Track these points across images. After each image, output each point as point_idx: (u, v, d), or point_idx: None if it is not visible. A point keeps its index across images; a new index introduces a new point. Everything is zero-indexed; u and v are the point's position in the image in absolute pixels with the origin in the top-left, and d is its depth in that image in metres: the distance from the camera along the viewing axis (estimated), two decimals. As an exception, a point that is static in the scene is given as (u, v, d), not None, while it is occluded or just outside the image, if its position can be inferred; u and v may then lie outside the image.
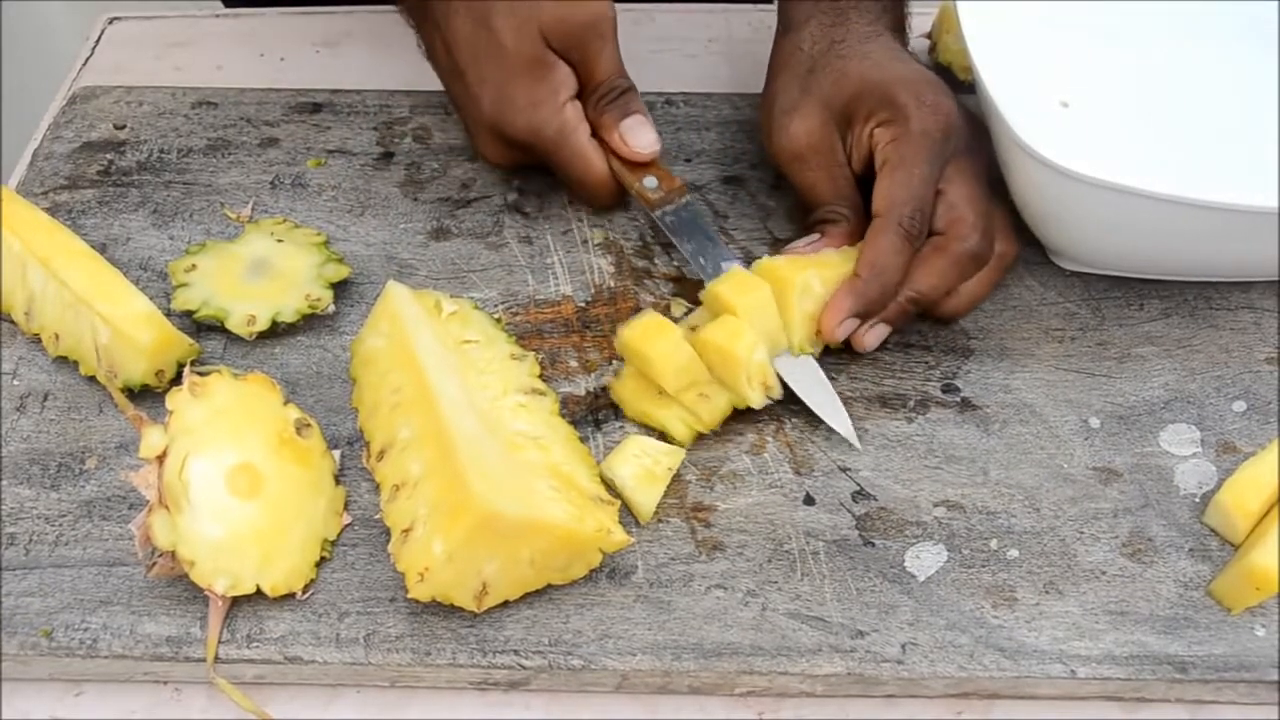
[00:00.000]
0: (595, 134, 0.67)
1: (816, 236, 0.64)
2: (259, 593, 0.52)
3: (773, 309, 0.60)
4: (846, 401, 0.61)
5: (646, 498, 0.56)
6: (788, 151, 0.65)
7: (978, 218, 0.62)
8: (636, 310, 0.65)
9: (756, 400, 0.59)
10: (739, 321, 0.58)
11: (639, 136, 0.66)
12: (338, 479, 0.57)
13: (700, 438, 0.59)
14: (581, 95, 0.66)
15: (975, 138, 0.64)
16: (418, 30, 0.70)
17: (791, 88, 0.65)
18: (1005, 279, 0.66)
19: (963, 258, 0.62)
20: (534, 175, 0.72)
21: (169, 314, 0.62)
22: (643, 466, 0.57)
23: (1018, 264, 0.67)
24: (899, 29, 0.69)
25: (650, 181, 0.66)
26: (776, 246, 0.66)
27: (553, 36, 0.64)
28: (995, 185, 0.64)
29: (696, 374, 0.59)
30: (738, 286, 0.60)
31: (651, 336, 0.58)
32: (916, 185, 0.60)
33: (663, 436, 0.59)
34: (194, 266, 0.64)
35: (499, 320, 0.61)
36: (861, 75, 0.63)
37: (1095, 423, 0.60)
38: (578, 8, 0.64)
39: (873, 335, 0.61)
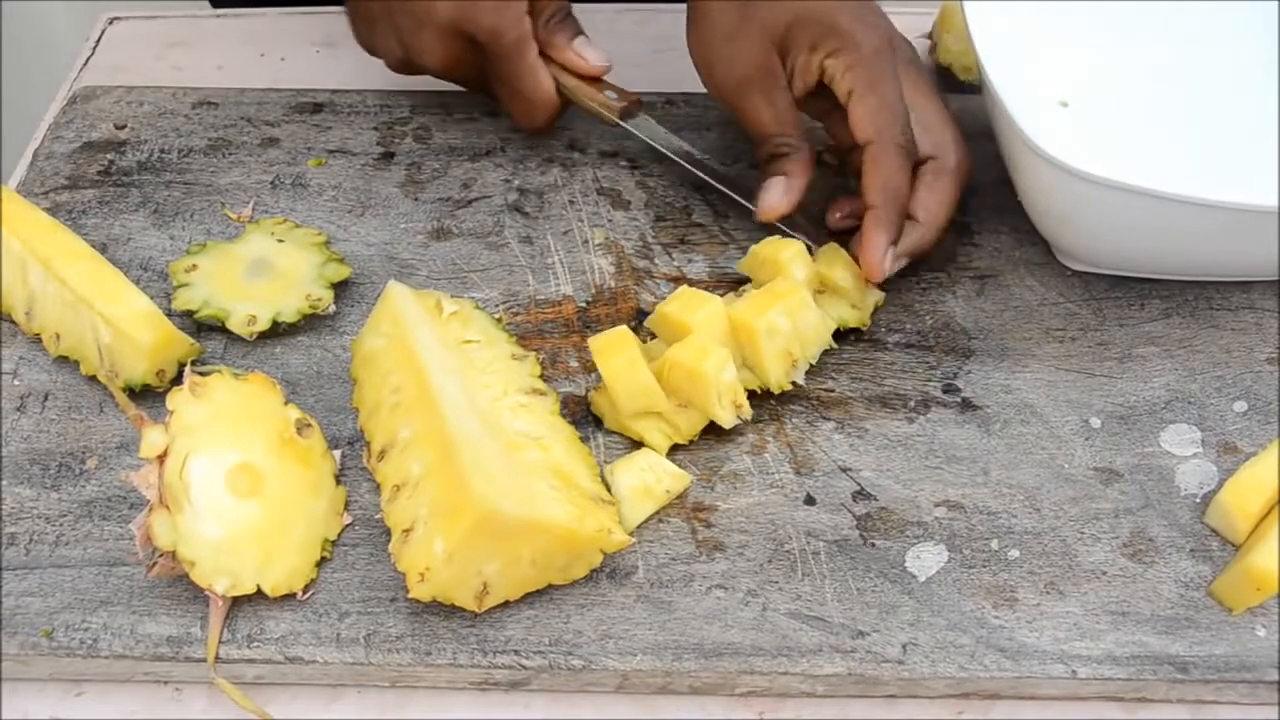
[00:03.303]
0: (542, 53, 0.69)
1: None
2: (259, 593, 0.52)
3: (724, 321, 0.59)
4: (847, 401, 0.61)
5: (634, 511, 0.56)
6: (732, 80, 0.65)
7: (954, 130, 0.65)
8: (637, 310, 0.65)
9: (727, 420, 0.58)
10: (706, 340, 0.57)
11: (593, 52, 0.70)
12: (338, 479, 0.57)
13: (700, 437, 0.59)
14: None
15: (908, 46, 0.67)
16: None
17: (728, 12, 0.65)
18: (1006, 279, 0.67)
19: (958, 174, 0.65)
20: (534, 175, 0.72)
21: (169, 314, 0.62)
22: (644, 481, 0.56)
23: (1018, 264, 0.67)
24: None
25: (611, 95, 0.70)
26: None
27: None
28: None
29: (652, 400, 0.57)
30: (686, 304, 0.59)
31: (607, 353, 0.57)
32: (894, 103, 0.62)
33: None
34: (194, 266, 0.64)
35: (500, 320, 0.61)
36: (797, 2, 0.64)
37: (1096, 423, 0.60)
38: None
39: (891, 262, 0.63)
